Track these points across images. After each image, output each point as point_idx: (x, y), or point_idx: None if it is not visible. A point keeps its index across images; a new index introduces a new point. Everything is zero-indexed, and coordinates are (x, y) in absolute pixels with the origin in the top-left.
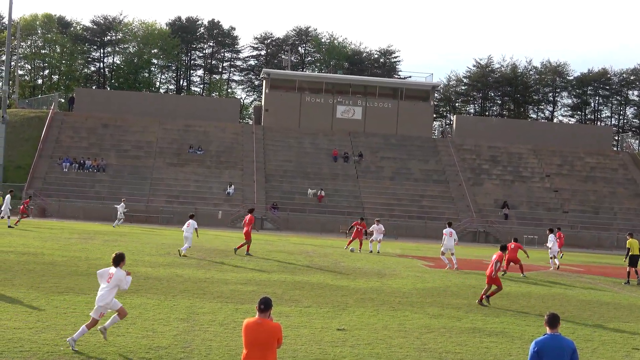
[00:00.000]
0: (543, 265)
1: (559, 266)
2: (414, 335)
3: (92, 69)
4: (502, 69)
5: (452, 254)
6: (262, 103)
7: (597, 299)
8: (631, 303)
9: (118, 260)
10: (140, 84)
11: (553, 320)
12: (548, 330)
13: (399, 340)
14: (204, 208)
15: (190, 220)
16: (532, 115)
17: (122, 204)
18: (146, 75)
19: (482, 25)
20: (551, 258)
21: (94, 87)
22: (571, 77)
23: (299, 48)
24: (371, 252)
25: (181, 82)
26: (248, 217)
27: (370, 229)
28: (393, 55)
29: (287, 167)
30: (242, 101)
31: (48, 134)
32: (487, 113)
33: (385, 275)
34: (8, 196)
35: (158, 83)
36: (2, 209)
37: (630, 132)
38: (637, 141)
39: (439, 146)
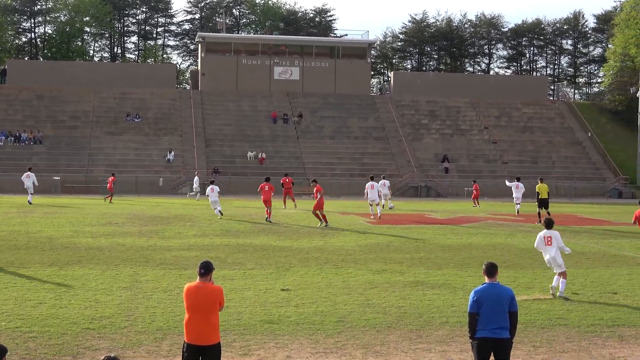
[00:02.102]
0: (484, 216)
1: (518, 211)
2: (358, 291)
3: (24, 39)
4: (438, 23)
5: (378, 205)
6: (199, 67)
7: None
8: (571, 249)
9: None
10: (73, 53)
11: (491, 270)
12: (486, 279)
13: (343, 297)
14: (145, 176)
15: (213, 186)
16: (468, 69)
17: (196, 177)
18: (79, 44)
19: None
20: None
21: (26, 58)
22: (506, 29)
23: (234, 10)
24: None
25: (115, 50)
26: (267, 185)
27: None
28: (328, 14)
29: (226, 131)
30: (178, 66)
31: None
32: (424, 68)
33: (328, 234)
34: None
35: (92, 51)
36: None
37: (565, 82)
38: (573, 90)
39: (377, 103)
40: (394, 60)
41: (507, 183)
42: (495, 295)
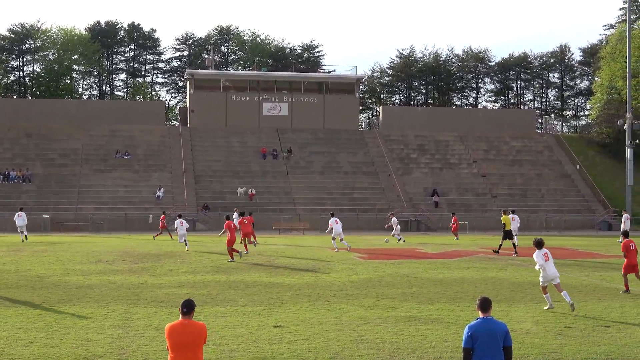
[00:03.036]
0: (474, 250)
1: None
2: (351, 327)
3: (12, 78)
4: (425, 58)
5: (342, 240)
6: (188, 104)
7: (529, 281)
8: (562, 282)
9: None
10: (62, 91)
11: (485, 305)
12: (480, 315)
13: (336, 333)
14: (134, 213)
15: (182, 220)
16: (456, 103)
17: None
18: (68, 82)
19: (403, 15)
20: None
21: (14, 97)
22: (493, 63)
23: (222, 47)
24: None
25: (104, 87)
26: (247, 218)
27: (391, 223)
28: (316, 50)
29: (216, 167)
30: (167, 103)
31: None
32: (412, 103)
33: (320, 270)
34: None
35: (80, 89)
36: None
37: (552, 115)
38: (560, 123)
39: (366, 138)
40: (382, 95)
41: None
42: (489, 330)
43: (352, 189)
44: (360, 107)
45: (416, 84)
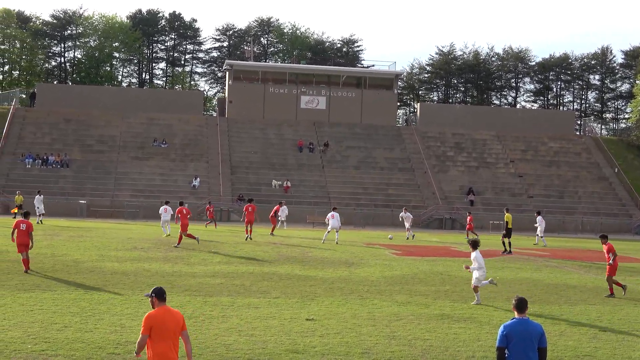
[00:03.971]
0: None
1: (544, 244)
2: (383, 323)
3: (53, 63)
4: (465, 56)
5: (337, 232)
6: (226, 95)
7: (563, 282)
8: (597, 285)
9: None
10: (102, 78)
11: (521, 305)
12: (516, 315)
13: (368, 328)
14: (170, 201)
15: (167, 207)
16: (495, 102)
17: (284, 206)
18: (108, 69)
19: (444, 12)
20: (540, 237)
21: (55, 82)
22: (533, 63)
23: (262, 39)
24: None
25: (143, 76)
26: (251, 206)
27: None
28: (356, 45)
29: (252, 159)
30: (205, 93)
31: (10, 130)
32: (450, 100)
33: (353, 264)
34: None
35: (120, 77)
36: None
37: (592, 117)
38: (599, 125)
39: (403, 134)
40: (420, 92)
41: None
42: (525, 331)
43: (387, 185)
44: (398, 103)
45: (455, 81)
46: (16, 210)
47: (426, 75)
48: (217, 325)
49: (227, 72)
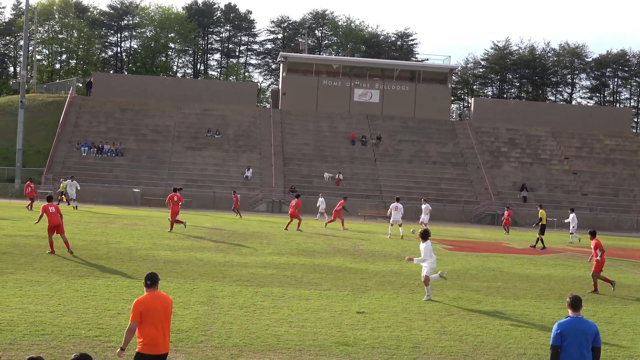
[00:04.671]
0: (562, 247)
1: (578, 240)
2: (434, 318)
3: (110, 53)
4: (520, 51)
5: (400, 225)
6: (280, 87)
7: (617, 281)
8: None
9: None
10: (157, 68)
11: (576, 303)
12: (570, 313)
13: (419, 323)
14: (222, 192)
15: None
16: (550, 98)
17: (322, 198)
18: (163, 59)
19: (500, 7)
20: (573, 234)
21: (111, 72)
22: (590, 59)
23: (316, 31)
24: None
25: (198, 66)
26: (294, 201)
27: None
28: (410, 38)
29: (305, 151)
30: (259, 85)
31: (66, 118)
32: (505, 95)
33: (405, 258)
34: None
35: (175, 67)
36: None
37: None
38: None
39: (457, 129)
40: (474, 87)
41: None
42: (579, 329)
43: (440, 180)
44: (452, 98)
45: (510, 76)
46: (64, 199)
47: (481, 69)
48: (268, 316)
49: (281, 64)
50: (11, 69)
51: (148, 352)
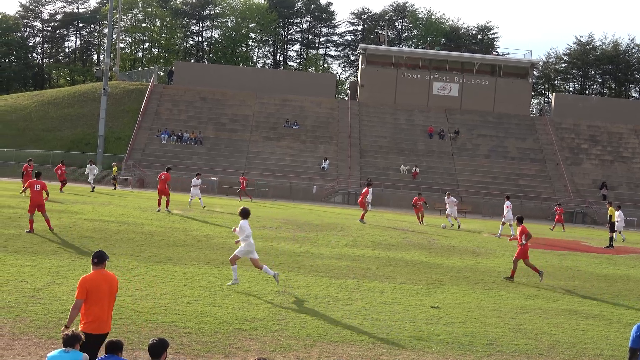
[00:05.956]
0: None
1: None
2: (509, 315)
3: (191, 42)
4: (604, 46)
5: (511, 225)
6: (358, 78)
7: None
8: None
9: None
10: (237, 58)
11: None
12: None
13: (494, 319)
14: (299, 182)
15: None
16: (633, 95)
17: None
18: (243, 49)
19: (584, 1)
20: (619, 232)
21: (192, 61)
22: None
23: (396, 23)
24: (444, 227)
25: (278, 57)
26: (364, 189)
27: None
28: (491, 32)
29: (382, 143)
30: (338, 76)
31: (147, 106)
32: (587, 92)
33: (480, 254)
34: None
35: (255, 57)
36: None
37: None
38: None
39: (536, 124)
40: (555, 82)
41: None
42: None
43: (518, 176)
44: (532, 93)
45: (592, 72)
46: (115, 182)
47: (562, 65)
48: (342, 308)
49: (361, 56)
50: (95, 56)
51: (90, 332)
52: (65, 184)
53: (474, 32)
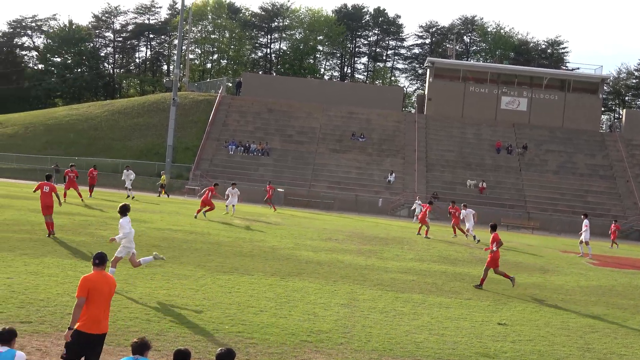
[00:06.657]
0: None
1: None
2: (578, 334)
3: (259, 54)
4: None
5: (587, 244)
6: (425, 92)
7: None
8: None
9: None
10: (305, 70)
11: None
12: None
13: (562, 338)
14: (365, 195)
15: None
16: None
17: (418, 201)
18: (311, 61)
19: None
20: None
21: (260, 72)
22: None
23: (464, 37)
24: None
25: (345, 69)
26: (426, 206)
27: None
28: (561, 46)
29: (448, 157)
30: (405, 89)
31: (215, 117)
32: None
33: (548, 271)
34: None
35: (322, 69)
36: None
37: None
38: None
39: (606, 141)
40: (626, 98)
41: None
42: None
43: (587, 192)
44: (603, 109)
45: None
46: (163, 192)
47: (634, 80)
48: (407, 322)
49: (428, 69)
50: (165, 67)
51: (86, 330)
52: (94, 189)
53: (544, 46)
